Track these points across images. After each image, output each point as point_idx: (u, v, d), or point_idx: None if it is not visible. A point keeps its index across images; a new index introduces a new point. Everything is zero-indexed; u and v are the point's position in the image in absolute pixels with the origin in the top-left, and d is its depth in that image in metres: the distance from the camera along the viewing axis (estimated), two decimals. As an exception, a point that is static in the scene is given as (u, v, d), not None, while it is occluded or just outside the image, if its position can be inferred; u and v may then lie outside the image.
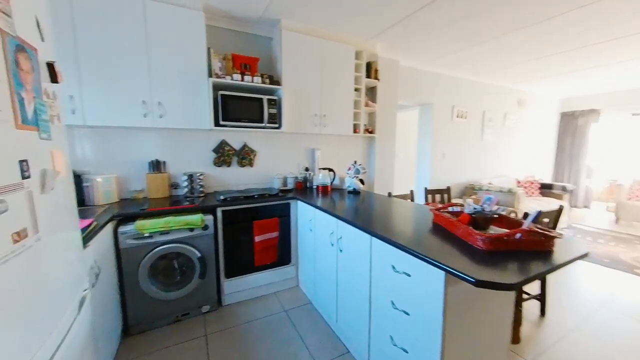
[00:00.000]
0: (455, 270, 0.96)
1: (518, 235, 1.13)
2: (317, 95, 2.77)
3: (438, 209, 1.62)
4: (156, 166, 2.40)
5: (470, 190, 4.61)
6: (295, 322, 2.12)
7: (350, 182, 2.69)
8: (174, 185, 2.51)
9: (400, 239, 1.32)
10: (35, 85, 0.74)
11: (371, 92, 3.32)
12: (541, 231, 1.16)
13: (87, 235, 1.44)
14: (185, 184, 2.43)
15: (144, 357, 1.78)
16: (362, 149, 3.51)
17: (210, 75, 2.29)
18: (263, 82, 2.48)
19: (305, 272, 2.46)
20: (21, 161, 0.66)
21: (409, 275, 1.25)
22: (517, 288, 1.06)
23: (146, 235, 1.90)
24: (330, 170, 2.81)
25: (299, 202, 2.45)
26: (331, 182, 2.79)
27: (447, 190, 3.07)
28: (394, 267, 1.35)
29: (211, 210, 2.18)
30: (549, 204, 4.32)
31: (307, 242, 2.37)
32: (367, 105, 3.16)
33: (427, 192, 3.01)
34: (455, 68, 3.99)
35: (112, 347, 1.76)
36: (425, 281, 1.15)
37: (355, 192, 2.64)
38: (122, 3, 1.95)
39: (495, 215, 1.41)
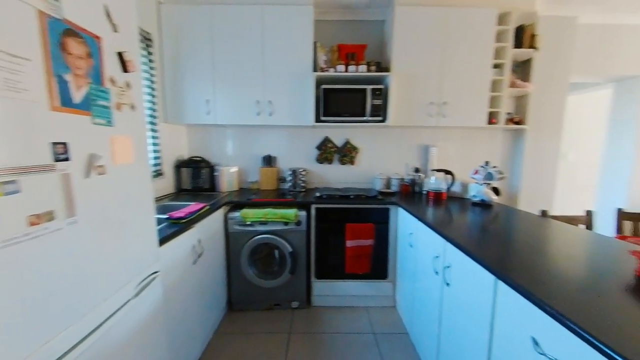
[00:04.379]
0: None
1: None
2: (436, 79, 2.15)
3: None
4: (268, 161, 2.53)
5: None
6: (383, 352, 1.69)
7: (478, 191, 1.94)
8: (282, 179, 2.57)
9: (558, 299, 0.70)
10: (91, 71, 0.75)
11: (522, 68, 2.33)
12: None
13: (194, 219, 1.58)
14: (290, 178, 2.45)
15: (239, 335, 1.85)
16: (502, 147, 2.55)
17: (315, 70, 2.18)
18: (369, 70, 2.14)
19: (403, 294, 1.97)
20: (55, 143, 0.65)
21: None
22: None
23: (248, 223, 1.99)
24: (448, 172, 2.14)
25: (400, 209, 1.97)
26: (448, 188, 2.12)
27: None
28: (536, 343, 0.74)
29: (306, 207, 2.07)
30: None
31: (407, 259, 1.87)
32: (513, 85, 2.22)
33: (623, 216, 1.81)
34: None
35: (218, 316, 1.94)
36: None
37: (483, 205, 1.89)
38: (246, 14, 2.09)
39: None
